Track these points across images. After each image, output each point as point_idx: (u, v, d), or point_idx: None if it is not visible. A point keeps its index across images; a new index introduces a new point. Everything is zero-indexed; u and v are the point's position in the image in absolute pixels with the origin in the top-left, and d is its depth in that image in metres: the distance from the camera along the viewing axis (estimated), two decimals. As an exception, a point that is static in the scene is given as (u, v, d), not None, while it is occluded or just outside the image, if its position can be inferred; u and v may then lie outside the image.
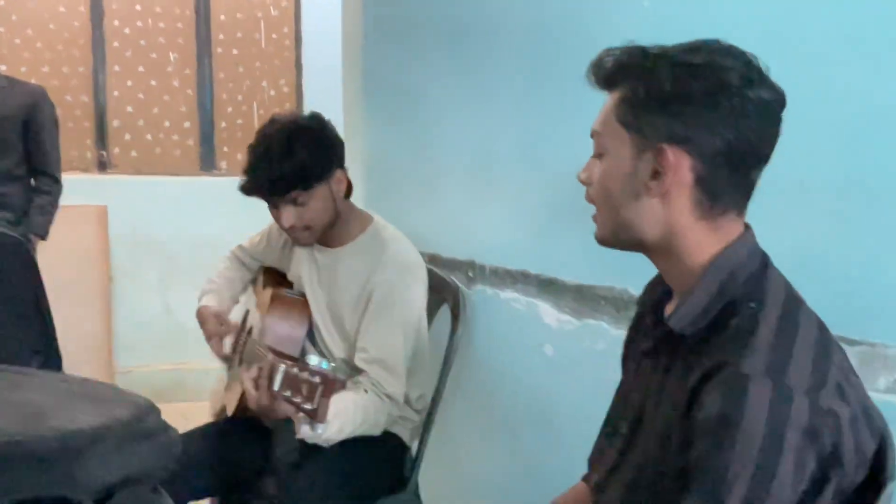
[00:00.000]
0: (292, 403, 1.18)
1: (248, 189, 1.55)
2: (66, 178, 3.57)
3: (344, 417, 1.43)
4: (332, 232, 1.63)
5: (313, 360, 1.20)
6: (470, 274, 1.87)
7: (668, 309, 0.88)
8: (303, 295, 1.70)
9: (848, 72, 1.03)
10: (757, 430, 0.68)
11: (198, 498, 1.63)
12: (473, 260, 1.86)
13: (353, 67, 2.51)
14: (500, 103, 1.76)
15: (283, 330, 1.65)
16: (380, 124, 2.35)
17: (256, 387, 1.32)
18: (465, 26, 1.89)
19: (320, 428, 1.29)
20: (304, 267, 1.70)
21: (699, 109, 0.77)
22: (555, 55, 1.59)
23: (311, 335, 1.68)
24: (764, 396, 0.69)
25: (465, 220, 1.91)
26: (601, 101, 0.90)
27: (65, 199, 3.46)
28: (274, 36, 3.89)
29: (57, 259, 2.88)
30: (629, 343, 1.03)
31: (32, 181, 2.89)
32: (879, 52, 1.00)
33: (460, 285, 1.84)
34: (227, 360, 1.76)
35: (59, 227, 3.21)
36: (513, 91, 1.72)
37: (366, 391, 1.51)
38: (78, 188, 3.57)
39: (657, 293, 0.95)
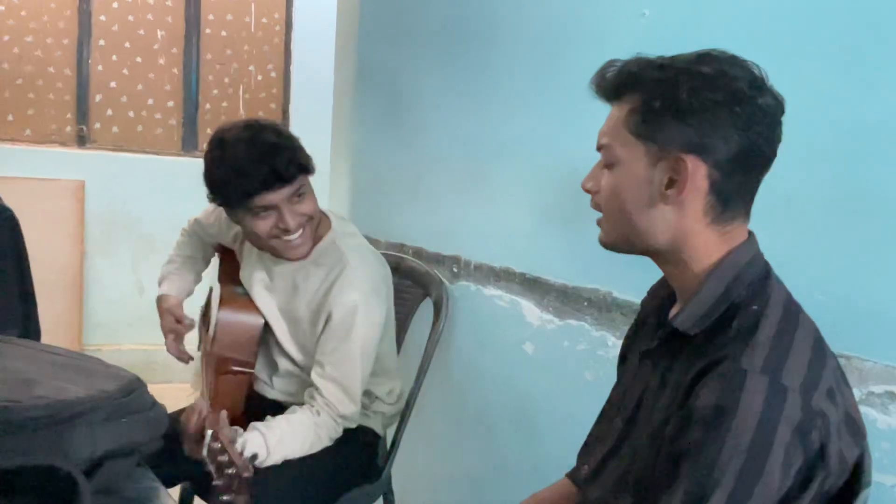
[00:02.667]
0: (214, 484, 1.11)
1: (255, 187, 1.41)
2: (45, 151, 3.55)
3: (289, 447, 1.42)
4: None
5: (240, 443, 1.18)
6: (454, 269, 1.89)
7: (673, 311, 0.90)
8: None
9: (838, 84, 1.07)
10: (750, 422, 0.71)
11: (168, 485, 1.60)
12: (459, 255, 1.88)
13: (345, 59, 2.52)
14: (492, 101, 1.78)
15: (236, 332, 1.57)
16: (370, 116, 2.36)
17: (188, 440, 1.32)
18: (459, 23, 1.91)
19: (263, 458, 1.30)
20: (255, 270, 1.62)
21: (715, 118, 0.79)
22: (548, 58, 1.61)
23: (270, 332, 1.61)
24: (759, 391, 0.72)
25: (451, 215, 1.93)
26: (594, 105, 0.92)
27: (42, 173, 3.43)
28: (264, 20, 3.86)
29: (32, 232, 2.83)
30: (628, 344, 1.05)
31: None
32: (869, 65, 1.03)
33: (444, 280, 1.85)
34: (181, 358, 1.70)
35: (36, 200, 3.17)
36: (505, 90, 1.75)
37: (318, 412, 1.48)
38: (56, 162, 3.53)
39: (660, 297, 0.98)
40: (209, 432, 1.07)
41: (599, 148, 0.90)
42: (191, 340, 1.76)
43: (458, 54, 1.91)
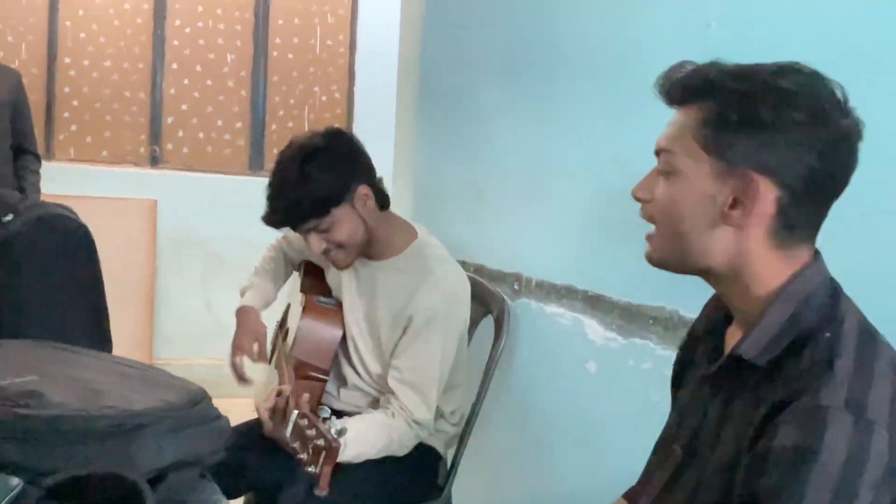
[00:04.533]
0: (297, 459, 1.15)
1: (267, 221, 1.51)
2: (120, 171, 3.69)
3: (364, 444, 1.41)
4: (372, 244, 1.58)
5: (326, 413, 1.20)
6: (515, 286, 1.87)
7: (732, 335, 0.85)
8: (339, 302, 1.67)
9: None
10: (835, 464, 0.65)
11: (231, 497, 1.62)
12: (520, 272, 1.86)
13: (408, 78, 2.54)
14: (553, 115, 1.77)
15: (315, 339, 1.61)
16: (431, 133, 2.37)
17: (271, 418, 1.34)
18: (520, 39, 1.90)
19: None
20: (343, 274, 1.65)
21: (793, 138, 0.74)
22: (610, 70, 1.59)
23: (346, 345, 1.64)
24: (844, 430, 0.66)
25: (512, 232, 1.91)
26: (659, 118, 0.87)
27: (116, 192, 3.56)
28: (329, 42, 3.94)
29: (106, 249, 2.94)
30: (683, 365, 1.00)
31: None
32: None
33: (505, 297, 1.84)
34: (242, 380, 1.73)
35: (111, 218, 3.29)
36: (566, 103, 1.73)
37: (393, 415, 1.49)
38: (130, 181, 3.67)
39: (715, 316, 0.92)
40: (294, 412, 1.12)
41: (658, 153, 0.84)
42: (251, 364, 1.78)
43: (518, 69, 1.90)
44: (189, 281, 3.74)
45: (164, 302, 3.70)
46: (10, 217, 1.37)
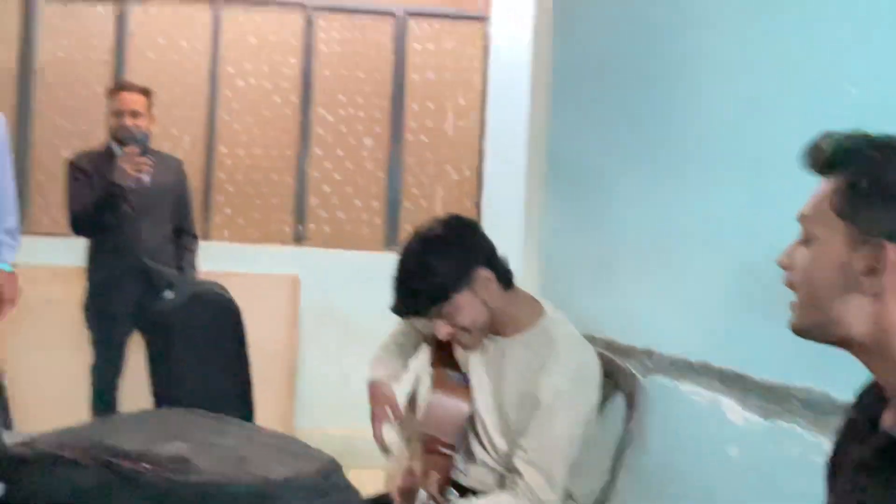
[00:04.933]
0: None
1: (393, 310, 1.57)
2: (267, 248, 3.95)
3: None
4: (499, 321, 1.59)
5: (453, 495, 1.20)
6: (647, 363, 1.81)
7: (887, 416, 0.80)
8: (468, 377, 1.68)
9: None
10: None
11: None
12: (651, 348, 1.80)
13: (537, 153, 2.59)
14: (684, 185, 1.73)
15: (444, 414, 1.62)
16: (559, 207, 2.39)
17: (401, 498, 1.37)
18: (647, 103, 1.90)
19: None
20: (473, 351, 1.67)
21: None
22: (742, 133, 1.55)
23: (474, 420, 1.64)
24: None
25: (643, 305, 1.87)
26: (797, 186, 0.87)
27: (264, 268, 3.81)
28: (460, 124, 4.10)
29: (253, 322, 3.15)
30: (838, 453, 0.94)
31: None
32: None
33: (637, 374, 1.78)
34: (383, 448, 1.77)
35: (258, 293, 3.50)
36: (697, 173, 1.69)
37: (519, 495, 1.46)
38: (276, 258, 3.92)
39: (872, 396, 0.87)
40: (423, 492, 1.13)
41: (799, 220, 0.85)
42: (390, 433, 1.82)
43: (646, 135, 1.89)
44: (327, 352, 3.90)
45: (304, 373, 3.87)
46: (169, 293, 1.51)
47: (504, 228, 2.22)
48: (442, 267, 1.50)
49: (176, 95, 3.99)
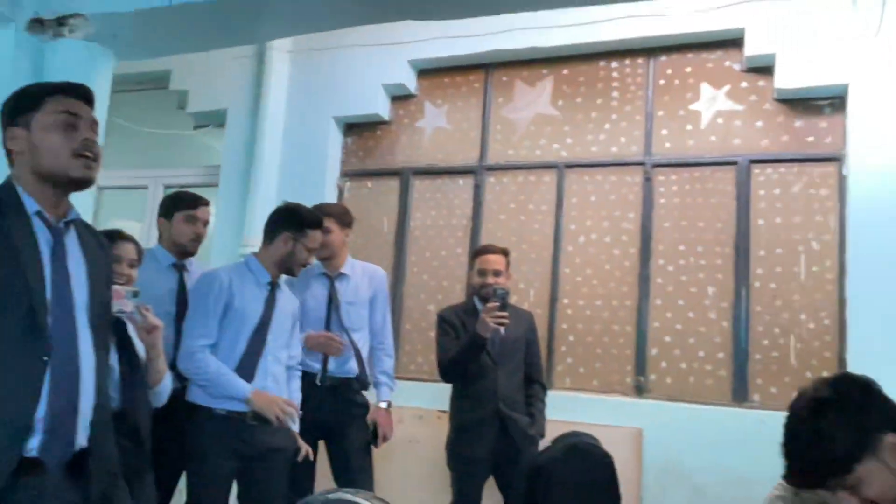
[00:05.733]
0: None
1: (787, 482, 1.49)
2: (607, 399, 3.96)
3: None
4: None
5: None
6: None
7: None
8: None
9: None
10: None
11: None
12: None
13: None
14: None
15: None
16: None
17: None
18: None
19: None
20: None
21: None
22: None
23: None
24: None
25: None
26: None
27: (605, 419, 3.80)
28: (815, 269, 3.81)
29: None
30: None
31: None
32: None
33: None
34: None
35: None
36: None
37: None
38: (617, 410, 3.90)
39: None
40: None
41: None
42: None
43: None
44: (672, 514, 3.69)
45: (647, 534, 3.69)
46: (548, 444, 1.60)
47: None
48: (838, 435, 1.37)
49: (523, 253, 4.34)
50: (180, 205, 3.12)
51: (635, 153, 4.23)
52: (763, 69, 4.02)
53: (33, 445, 1.56)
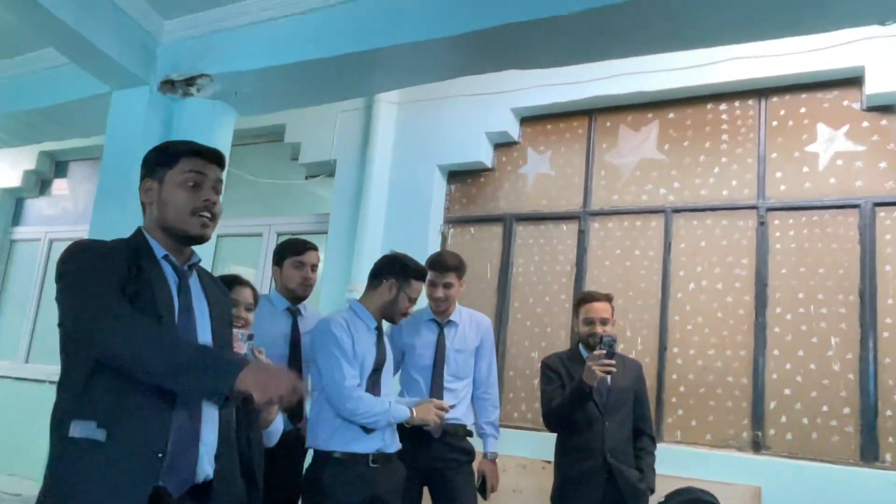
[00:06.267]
0: None
1: None
2: (723, 455, 3.76)
3: None
4: None
5: None
6: None
7: None
8: None
9: None
10: None
11: None
12: None
13: None
14: None
15: None
16: None
17: None
18: None
19: None
20: None
21: None
22: None
23: None
24: None
25: None
26: None
27: (720, 476, 3.61)
28: (951, 319, 3.53)
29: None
30: None
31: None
32: None
33: None
34: None
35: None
36: None
37: None
38: (733, 466, 3.69)
39: None
40: None
41: None
42: None
43: None
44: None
45: None
46: (661, 500, 1.52)
47: None
48: None
49: (629, 300, 4.24)
50: (289, 251, 3.24)
51: (748, 196, 4.08)
52: (885, 108, 3.82)
53: (161, 473, 1.61)
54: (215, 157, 1.88)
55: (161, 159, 1.85)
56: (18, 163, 6.93)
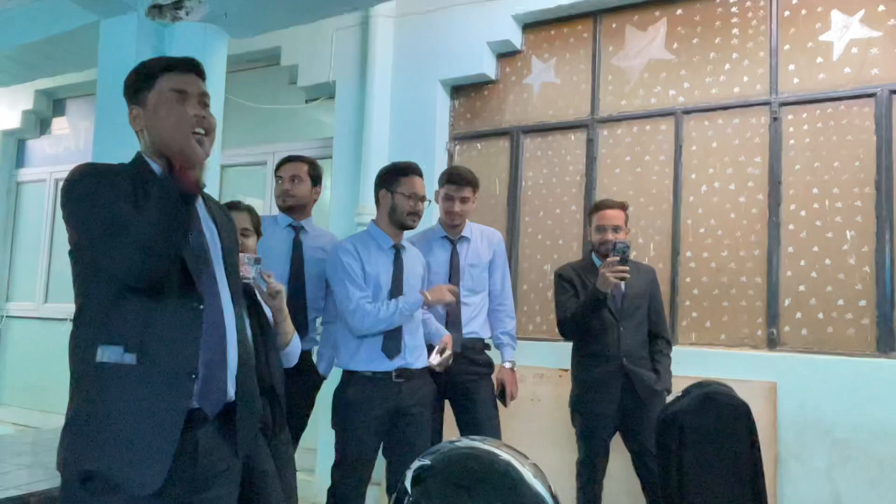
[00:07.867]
0: None
1: None
2: (738, 353, 3.79)
3: None
4: None
5: None
6: None
7: None
8: None
9: None
10: None
11: None
12: None
13: None
14: None
15: None
16: None
17: None
18: None
19: None
20: None
21: None
22: None
23: None
24: None
25: None
26: None
27: (735, 374, 3.64)
28: (971, 206, 3.46)
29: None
30: None
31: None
32: None
33: None
34: None
35: (734, 399, 3.35)
36: None
37: None
38: (748, 364, 3.72)
39: None
40: None
41: None
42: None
43: None
44: (811, 470, 3.50)
45: (787, 491, 3.52)
46: (678, 394, 1.53)
47: None
48: None
49: (641, 206, 4.19)
50: (276, 168, 3.38)
51: (760, 93, 3.97)
52: (904, -11, 3.66)
53: (194, 395, 1.61)
54: (192, 66, 1.77)
55: (139, 83, 1.76)
56: (16, 103, 6.85)
